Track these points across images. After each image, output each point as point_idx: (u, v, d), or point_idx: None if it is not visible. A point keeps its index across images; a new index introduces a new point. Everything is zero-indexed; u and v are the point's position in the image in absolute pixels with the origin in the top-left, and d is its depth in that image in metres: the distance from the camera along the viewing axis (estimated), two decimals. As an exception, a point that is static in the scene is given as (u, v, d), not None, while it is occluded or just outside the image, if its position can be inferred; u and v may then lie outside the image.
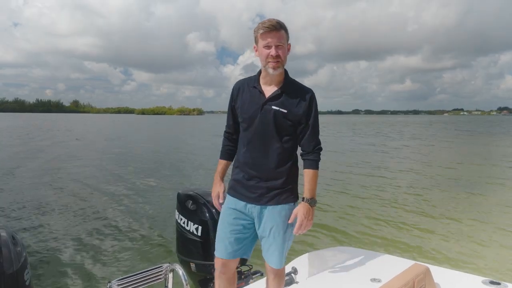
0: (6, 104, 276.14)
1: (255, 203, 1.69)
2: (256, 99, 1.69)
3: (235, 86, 1.81)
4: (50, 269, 4.27)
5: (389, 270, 1.88)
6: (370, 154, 16.34)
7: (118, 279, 1.51)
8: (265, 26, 1.60)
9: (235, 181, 1.76)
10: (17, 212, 6.78)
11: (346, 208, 6.95)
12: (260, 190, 1.68)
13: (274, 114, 1.65)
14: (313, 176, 1.69)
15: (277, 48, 1.60)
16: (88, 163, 13.72)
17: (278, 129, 1.66)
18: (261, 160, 1.68)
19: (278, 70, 1.64)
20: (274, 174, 1.68)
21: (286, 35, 1.66)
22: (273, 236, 1.69)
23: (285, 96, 1.67)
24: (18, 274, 1.31)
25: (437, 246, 4.91)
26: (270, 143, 1.67)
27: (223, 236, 1.73)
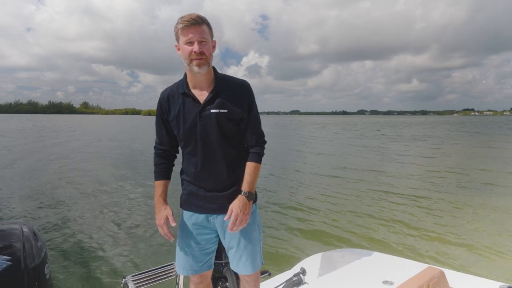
0: (21, 106, 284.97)
1: (216, 214, 1.59)
2: (191, 107, 1.54)
3: (163, 97, 1.61)
4: (68, 264, 4.41)
5: (402, 273, 1.84)
6: (379, 156, 16.16)
7: (132, 274, 1.56)
8: (184, 20, 1.44)
9: (189, 194, 1.62)
10: (37, 209, 7.05)
11: (356, 209, 6.91)
12: (219, 199, 1.57)
13: (216, 118, 1.51)
14: (254, 169, 1.57)
15: (200, 44, 1.46)
16: (101, 162, 14.11)
17: (222, 132, 1.53)
18: (213, 169, 1.56)
19: (204, 68, 1.49)
20: (229, 180, 1.57)
21: (210, 30, 1.51)
22: (243, 243, 1.60)
23: (221, 95, 1.53)
24: (39, 268, 1.37)
25: (451, 250, 4.83)
26: (217, 149, 1.54)
27: (187, 253, 1.63)
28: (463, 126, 54.14)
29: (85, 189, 8.84)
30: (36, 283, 1.35)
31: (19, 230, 1.46)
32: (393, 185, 9.25)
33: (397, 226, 5.85)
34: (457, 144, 21.94)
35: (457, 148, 19.59)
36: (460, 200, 7.58)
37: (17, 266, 1.30)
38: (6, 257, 1.30)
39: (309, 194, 8.31)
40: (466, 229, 5.67)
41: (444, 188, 8.84)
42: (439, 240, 5.20)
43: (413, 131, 38.11)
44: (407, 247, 4.97)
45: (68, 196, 8.13)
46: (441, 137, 28.40)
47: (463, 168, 12.00)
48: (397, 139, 26.18)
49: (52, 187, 9.05)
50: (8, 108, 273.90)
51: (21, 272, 1.31)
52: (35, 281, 1.35)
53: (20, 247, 1.37)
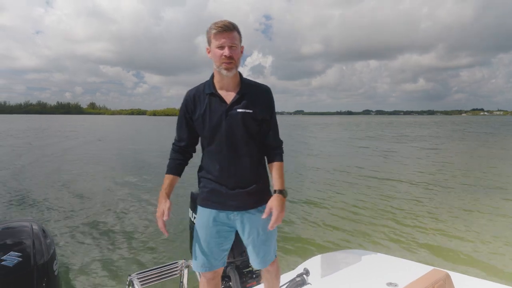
0: (31, 106, 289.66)
1: (237, 211, 1.66)
2: (217, 106, 1.63)
3: (189, 96, 1.69)
4: (75, 261, 4.50)
5: (406, 275, 1.82)
6: (382, 156, 16.04)
7: (138, 272, 1.59)
8: (218, 26, 1.55)
9: (211, 192, 1.68)
10: (46, 207, 7.17)
11: (360, 211, 6.88)
12: (241, 196, 1.64)
13: (242, 117, 1.61)
14: (281, 168, 1.70)
15: (230, 48, 1.56)
16: (108, 162, 14.26)
17: (247, 131, 1.62)
18: (236, 166, 1.63)
19: (232, 72, 1.59)
20: (251, 178, 1.65)
21: (239, 37, 1.61)
22: (263, 238, 1.69)
23: (247, 97, 1.64)
24: (48, 265, 1.41)
25: (456, 252, 4.79)
26: (241, 147, 1.63)
27: (205, 250, 1.68)
28: (469, 126, 53.42)
29: (94, 189, 8.96)
30: (45, 279, 1.39)
31: (29, 227, 1.50)
32: (398, 186, 9.19)
33: (402, 228, 5.81)
34: (463, 145, 21.66)
35: (464, 149, 19.34)
36: (467, 202, 7.49)
37: (27, 263, 1.35)
38: (16, 253, 1.34)
39: (313, 194, 8.30)
40: (472, 232, 5.61)
41: (451, 190, 8.75)
42: (444, 243, 5.15)
43: (417, 132, 37.75)
44: (412, 249, 4.94)
45: (77, 195, 8.25)
46: (446, 138, 28.08)
47: (469, 170, 11.85)
48: (400, 140, 25.95)
49: (62, 187, 9.19)
50: (18, 108, 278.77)
51: (31, 268, 1.35)
52: (44, 277, 1.39)
53: (30, 244, 1.41)
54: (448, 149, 19.47)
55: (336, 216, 6.50)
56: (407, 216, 6.47)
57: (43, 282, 1.39)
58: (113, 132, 37.09)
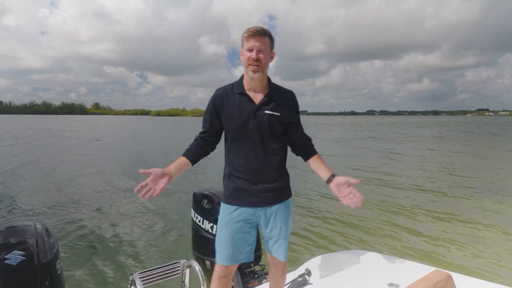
0: (36, 107, 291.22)
1: (261, 206, 1.74)
2: (246, 105, 1.71)
3: (218, 94, 1.78)
4: (78, 261, 4.52)
5: (408, 275, 1.80)
6: (384, 157, 15.99)
7: (139, 271, 1.60)
8: (250, 31, 1.66)
9: (236, 189, 1.75)
10: (50, 207, 7.24)
11: (362, 211, 6.86)
12: (265, 192, 1.73)
13: (268, 118, 1.70)
14: (321, 158, 1.83)
15: (259, 52, 1.65)
16: (110, 162, 14.35)
17: (272, 132, 1.72)
18: (262, 164, 1.72)
19: (258, 74, 1.67)
20: (275, 175, 1.75)
21: (270, 43, 1.71)
22: (283, 232, 1.78)
23: (275, 100, 1.73)
24: (51, 264, 1.42)
25: (458, 253, 4.78)
26: (266, 147, 1.72)
27: (230, 244, 1.74)
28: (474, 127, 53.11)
29: (96, 188, 9.02)
30: (48, 278, 1.40)
31: (32, 226, 1.51)
32: (400, 187, 9.16)
33: (404, 229, 5.79)
34: (466, 146, 21.53)
35: (468, 150, 19.23)
36: (469, 204, 7.46)
37: (30, 262, 1.36)
38: (20, 252, 1.35)
39: (315, 195, 8.29)
40: (475, 233, 5.58)
41: (454, 191, 8.71)
42: (446, 244, 5.13)
43: (422, 132, 37.56)
44: (414, 249, 4.92)
45: (80, 194, 8.31)
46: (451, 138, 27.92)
47: (472, 171, 11.78)
48: (403, 141, 25.84)
49: (65, 186, 9.25)
50: (24, 109, 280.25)
51: (34, 267, 1.36)
52: (47, 276, 1.40)
53: (33, 243, 1.42)
54: (451, 150, 19.36)
55: (338, 217, 6.49)
56: (409, 217, 6.45)
57: (46, 281, 1.40)
58: (116, 133, 37.23)
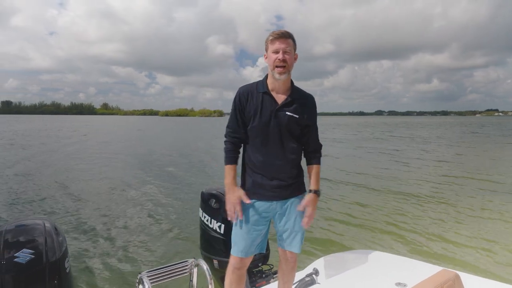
0: (45, 107, 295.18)
1: (277, 200, 1.82)
2: (268, 104, 1.79)
3: (243, 92, 1.84)
4: (86, 259, 4.56)
5: (415, 275, 1.78)
6: (392, 157, 15.86)
7: (147, 270, 1.60)
8: (275, 33, 1.75)
9: (255, 183, 1.83)
10: (58, 206, 7.30)
11: (369, 211, 6.82)
12: (281, 188, 1.81)
13: (288, 119, 1.78)
14: (319, 171, 1.91)
15: (284, 53, 1.73)
16: (120, 161, 14.49)
17: (291, 132, 1.80)
18: (279, 161, 1.80)
19: (284, 76, 1.74)
20: (291, 171, 1.83)
21: (294, 45, 1.79)
22: (298, 225, 1.85)
23: (296, 102, 1.81)
24: (60, 262, 1.43)
25: (466, 253, 4.71)
26: (284, 145, 1.80)
27: (246, 236, 1.83)
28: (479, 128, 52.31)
29: (105, 188, 9.10)
30: (57, 276, 1.41)
31: (41, 225, 1.52)
32: (407, 187, 9.07)
33: (411, 228, 5.73)
34: (473, 147, 21.24)
35: (475, 150, 18.98)
36: (476, 203, 7.35)
37: (39, 260, 1.36)
38: (29, 250, 1.36)
39: (322, 195, 8.25)
40: (482, 233, 5.50)
41: (460, 191, 8.60)
42: (454, 243, 5.07)
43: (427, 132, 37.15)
44: (421, 249, 4.87)
45: (89, 194, 8.38)
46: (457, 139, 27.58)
47: (479, 172, 11.61)
48: (410, 142, 25.61)
49: (74, 186, 9.35)
50: (33, 109, 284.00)
51: (43, 265, 1.37)
52: (56, 275, 1.41)
53: (43, 241, 1.42)
54: (458, 150, 19.13)
55: (345, 217, 6.45)
56: (417, 217, 6.38)
57: (55, 279, 1.40)
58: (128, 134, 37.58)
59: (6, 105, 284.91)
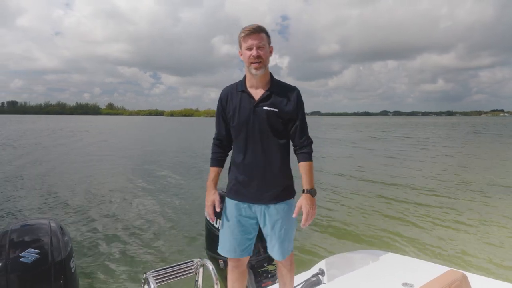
0: (51, 107, 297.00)
1: (258, 203, 1.75)
2: (246, 103, 1.74)
3: (224, 94, 1.83)
4: (91, 259, 4.57)
5: (422, 275, 1.76)
6: (397, 157, 15.76)
7: (153, 270, 1.59)
8: (246, 30, 1.68)
9: (236, 184, 1.79)
10: (64, 206, 7.36)
11: (375, 211, 6.77)
12: (262, 190, 1.73)
13: (266, 114, 1.70)
14: (310, 168, 1.75)
15: (258, 49, 1.68)
16: (125, 161, 14.55)
17: (272, 128, 1.71)
18: (260, 161, 1.73)
19: (261, 71, 1.70)
20: (273, 173, 1.74)
21: (267, 38, 1.73)
22: (275, 231, 1.76)
23: (274, 96, 1.73)
24: (65, 262, 1.43)
25: (473, 253, 4.67)
26: (266, 143, 1.72)
27: (230, 237, 1.79)
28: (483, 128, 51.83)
29: (110, 188, 9.13)
30: (62, 276, 1.40)
31: (47, 225, 1.52)
32: (414, 187, 9.01)
33: (418, 229, 5.69)
34: (480, 148, 21.04)
35: (483, 150, 18.80)
36: (483, 204, 7.28)
37: (45, 260, 1.36)
38: (34, 250, 1.36)
39: (328, 195, 8.21)
40: (490, 233, 5.44)
41: (468, 191, 8.52)
42: (461, 244, 5.02)
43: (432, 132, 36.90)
44: (428, 249, 4.83)
45: (94, 194, 8.42)
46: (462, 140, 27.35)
47: (487, 172, 11.49)
48: (416, 142, 25.44)
49: (79, 186, 9.40)
50: (39, 109, 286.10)
51: (49, 265, 1.36)
52: (61, 274, 1.40)
53: (48, 241, 1.42)
54: (465, 151, 18.97)
55: (351, 217, 6.42)
56: (423, 217, 6.33)
57: (61, 279, 1.40)
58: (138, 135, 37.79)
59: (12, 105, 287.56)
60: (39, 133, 33.50)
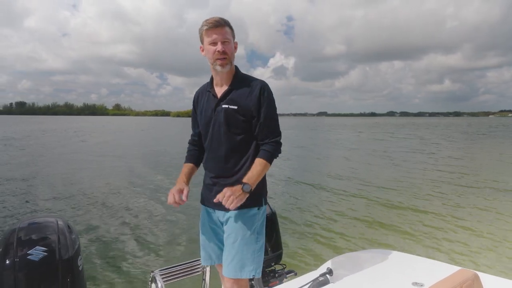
0: (58, 107, 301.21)
1: (219, 209, 1.61)
2: (210, 103, 1.64)
3: (195, 95, 1.78)
4: (99, 258, 4.60)
5: (432, 274, 1.72)
6: (408, 155, 15.63)
7: (160, 269, 1.59)
8: (209, 22, 1.54)
9: (204, 188, 1.71)
10: (71, 205, 7.44)
11: (384, 210, 6.72)
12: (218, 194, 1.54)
13: (225, 113, 1.58)
14: (259, 165, 1.55)
15: (223, 44, 1.55)
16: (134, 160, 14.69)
17: (230, 128, 1.58)
18: (220, 163, 1.61)
19: (227, 67, 1.58)
20: (233, 177, 1.59)
21: (232, 32, 1.60)
22: (228, 242, 1.58)
23: (234, 92, 1.60)
24: (73, 260, 1.42)
25: (484, 253, 4.60)
26: (225, 144, 1.59)
27: (204, 244, 1.72)
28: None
29: (117, 188, 9.20)
30: (69, 274, 1.40)
31: (54, 223, 1.52)
32: (423, 186, 8.92)
33: (428, 228, 5.62)
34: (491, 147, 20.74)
35: (494, 150, 18.52)
36: (494, 203, 7.17)
37: (52, 257, 1.36)
38: (42, 248, 1.36)
39: (337, 194, 8.17)
40: (502, 233, 5.34)
41: (479, 191, 8.40)
42: (472, 243, 4.95)
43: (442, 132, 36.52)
44: (439, 249, 4.77)
45: (101, 193, 8.50)
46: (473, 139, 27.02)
47: (498, 171, 11.32)
48: (426, 142, 25.20)
49: (86, 185, 9.49)
50: (46, 110, 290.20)
51: (56, 263, 1.36)
52: (69, 272, 1.40)
53: (55, 239, 1.42)
54: (474, 150, 18.72)
55: (360, 216, 6.37)
56: (432, 217, 6.26)
57: (68, 277, 1.40)
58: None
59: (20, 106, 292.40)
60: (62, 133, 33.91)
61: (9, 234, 1.42)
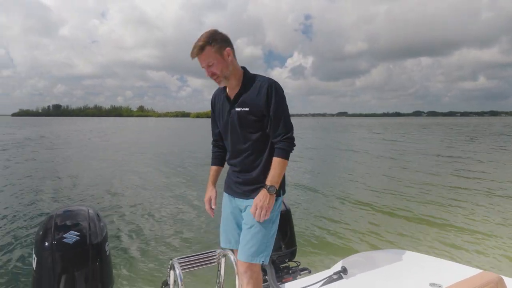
0: (89, 110, 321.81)
1: (240, 198, 1.80)
2: (225, 105, 1.78)
3: (212, 97, 1.91)
4: (124, 244, 4.88)
5: (451, 276, 1.69)
6: (428, 156, 15.11)
7: (178, 257, 1.69)
8: (191, 52, 1.66)
9: (227, 178, 1.90)
10: (100, 197, 7.88)
11: (400, 211, 6.58)
12: (242, 186, 1.78)
13: (238, 116, 1.71)
14: (278, 164, 1.66)
15: (208, 68, 1.66)
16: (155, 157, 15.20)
17: (245, 128, 1.71)
18: (240, 159, 1.77)
19: (223, 83, 1.72)
20: (251, 172, 1.74)
21: (216, 49, 1.63)
22: (246, 228, 1.73)
23: (244, 94, 1.71)
24: (101, 245, 1.58)
25: (508, 256, 4.42)
26: (243, 142, 1.74)
27: (224, 228, 1.89)
28: None
29: (142, 180, 9.59)
30: (98, 257, 1.56)
31: (86, 211, 1.68)
32: (441, 187, 8.62)
33: (446, 229, 5.47)
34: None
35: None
36: None
37: (84, 242, 1.52)
38: (75, 233, 1.53)
39: (354, 192, 8.08)
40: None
41: (501, 190, 8.02)
42: (495, 246, 4.77)
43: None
44: (458, 251, 4.63)
45: (127, 186, 8.91)
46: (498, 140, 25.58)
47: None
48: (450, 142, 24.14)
49: (115, 179, 9.96)
50: (78, 112, 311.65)
51: (87, 246, 1.52)
52: (98, 256, 1.56)
53: (86, 226, 1.58)
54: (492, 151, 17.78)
55: (376, 216, 6.30)
56: (451, 217, 6.06)
57: (97, 261, 1.55)
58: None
59: (56, 108, 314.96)
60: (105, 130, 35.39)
61: (47, 220, 1.60)
